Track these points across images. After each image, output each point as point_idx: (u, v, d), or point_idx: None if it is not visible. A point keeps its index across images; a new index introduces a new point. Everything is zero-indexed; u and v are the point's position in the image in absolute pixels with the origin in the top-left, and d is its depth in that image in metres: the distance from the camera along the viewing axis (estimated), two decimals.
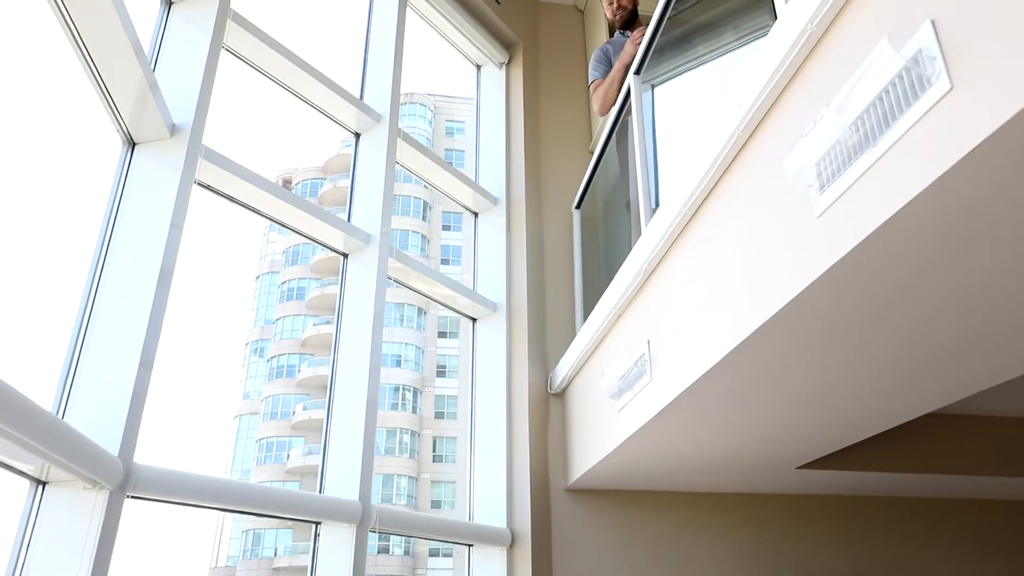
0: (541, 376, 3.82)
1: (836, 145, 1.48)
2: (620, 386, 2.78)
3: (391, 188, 3.42)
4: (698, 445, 2.84)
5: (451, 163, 4.10)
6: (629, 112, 3.38)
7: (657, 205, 2.92)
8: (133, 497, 2.11)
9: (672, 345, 2.38)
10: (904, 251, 1.45)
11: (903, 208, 1.31)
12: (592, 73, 3.83)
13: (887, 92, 1.35)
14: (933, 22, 1.26)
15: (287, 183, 20.35)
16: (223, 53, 2.80)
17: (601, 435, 3.10)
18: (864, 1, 1.47)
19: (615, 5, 3.95)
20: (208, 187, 2.76)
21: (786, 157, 1.60)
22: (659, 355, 2.48)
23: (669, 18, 2.97)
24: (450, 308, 3.91)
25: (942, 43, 1.24)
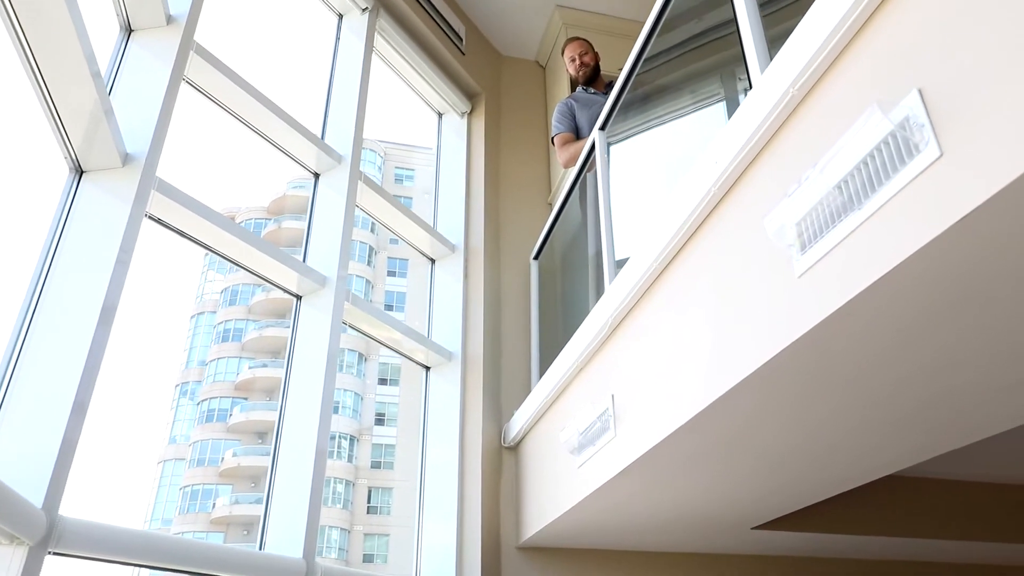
0: (495, 428, 3.73)
1: (819, 205, 1.48)
2: (581, 441, 2.71)
3: (350, 230, 3.33)
4: (658, 504, 2.78)
5: None
6: (592, 167, 3.41)
7: (614, 259, 2.93)
8: (55, 554, 1.92)
9: (639, 401, 2.34)
10: (887, 314, 1.45)
11: (891, 271, 1.31)
12: (556, 126, 3.87)
13: (872, 156, 1.37)
14: (920, 91, 1.29)
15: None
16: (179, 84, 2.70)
17: (559, 492, 3.01)
18: (848, 68, 1.50)
19: (578, 62, 4.04)
20: (159, 221, 2.63)
21: (768, 215, 1.61)
22: (624, 410, 2.44)
23: (637, 75, 3.02)
24: (404, 356, 3.81)
25: (930, 111, 1.26)
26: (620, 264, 2.88)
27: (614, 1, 4.81)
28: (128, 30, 2.72)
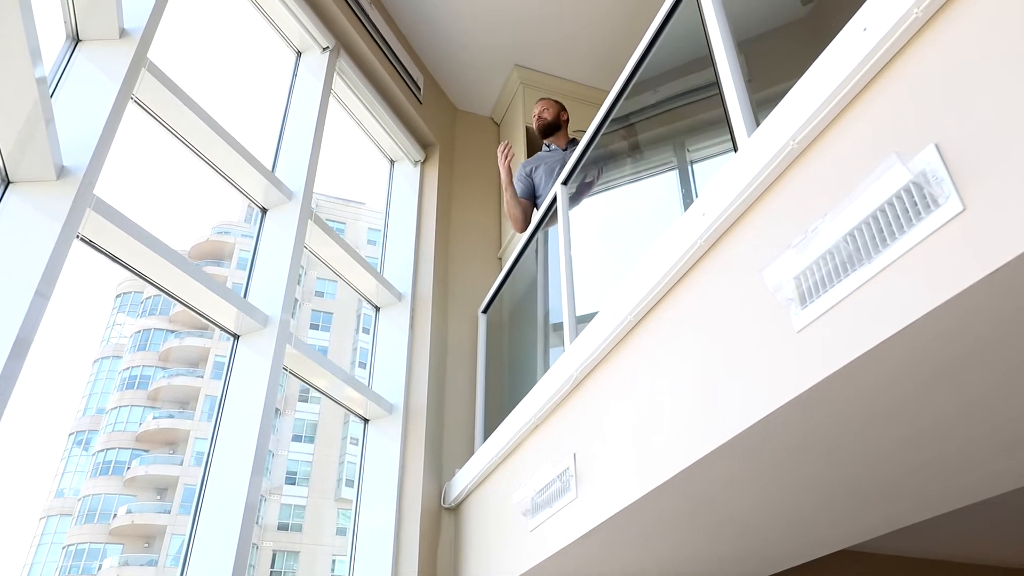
0: (435, 487, 3.52)
1: (825, 258, 1.44)
2: (536, 502, 2.56)
3: (296, 269, 3.15)
4: (616, 572, 2.64)
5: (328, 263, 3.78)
6: (551, 222, 3.36)
7: (575, 314, 2.85)
8: None
9: (605, 461, 2.22)
10: (894, 374, 1.40)
11: (906, 327, 1.27)
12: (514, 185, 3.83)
13: (883, 210, 1.34)
14: (937, 145, 1.28)
15: None
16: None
17: (505, 557, 2.83)
18: (853, 123, 1.49)
19: (535, 116, 4.03)
20: (91, 243, 2.40)
21: (768, 267, 1.56)
22: (587, 471, 2.31)
23: (602, 135, 3.02)
24: (343, 406, 3.58)
25: (949, 165, 1.24)
26: (579, 320, 2.81)
27: (570, 65, 4.90)
28: (75, 39, 2.54)
